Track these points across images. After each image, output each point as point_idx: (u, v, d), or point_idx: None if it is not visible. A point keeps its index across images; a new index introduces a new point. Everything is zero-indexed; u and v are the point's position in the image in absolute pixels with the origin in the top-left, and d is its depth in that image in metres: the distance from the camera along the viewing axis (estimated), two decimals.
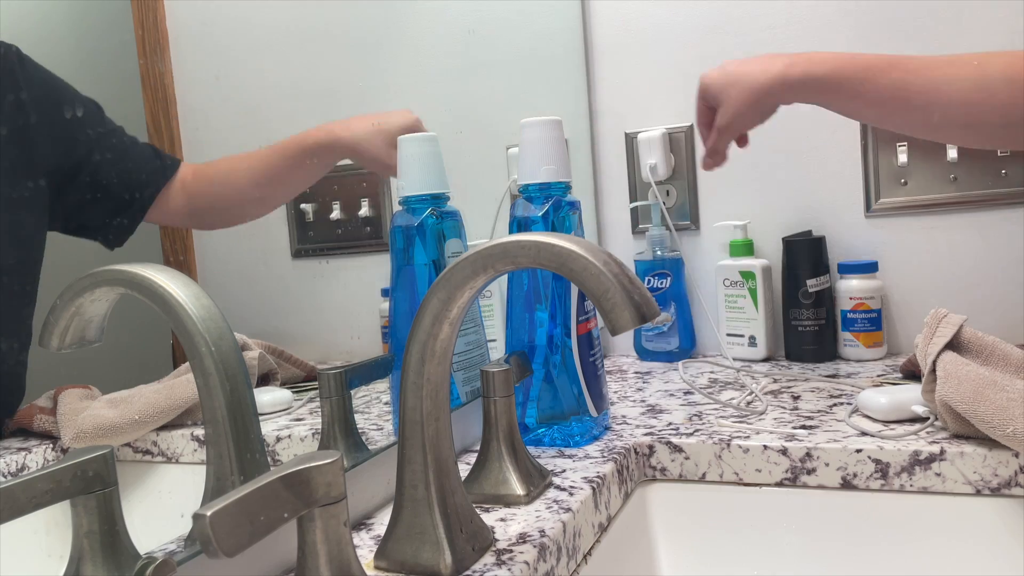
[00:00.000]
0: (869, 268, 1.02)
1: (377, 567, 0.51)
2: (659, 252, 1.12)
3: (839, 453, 0.69)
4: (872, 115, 0.84)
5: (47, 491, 0.38)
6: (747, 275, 1.07)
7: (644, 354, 1.15)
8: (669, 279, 1.12)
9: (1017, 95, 0.73)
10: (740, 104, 0.84)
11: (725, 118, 0.87)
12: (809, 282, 1.03)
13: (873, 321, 1.02)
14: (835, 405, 0.82)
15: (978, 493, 0.66)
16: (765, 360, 1.07)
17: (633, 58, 1.16)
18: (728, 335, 1.09)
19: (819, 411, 0.80)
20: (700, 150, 1.13)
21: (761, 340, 1.07)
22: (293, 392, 0.62)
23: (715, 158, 0.91)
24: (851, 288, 1.02)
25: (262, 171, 0.66)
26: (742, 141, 0.93)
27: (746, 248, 1.08)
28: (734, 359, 1.06)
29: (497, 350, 0.91)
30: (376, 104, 0.79)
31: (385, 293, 0.75)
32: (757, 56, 0.85)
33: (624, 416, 0.84)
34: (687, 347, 1.13)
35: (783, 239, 1.07)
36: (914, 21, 1.01)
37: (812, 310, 1.03)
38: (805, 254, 1.04)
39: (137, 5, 0.53)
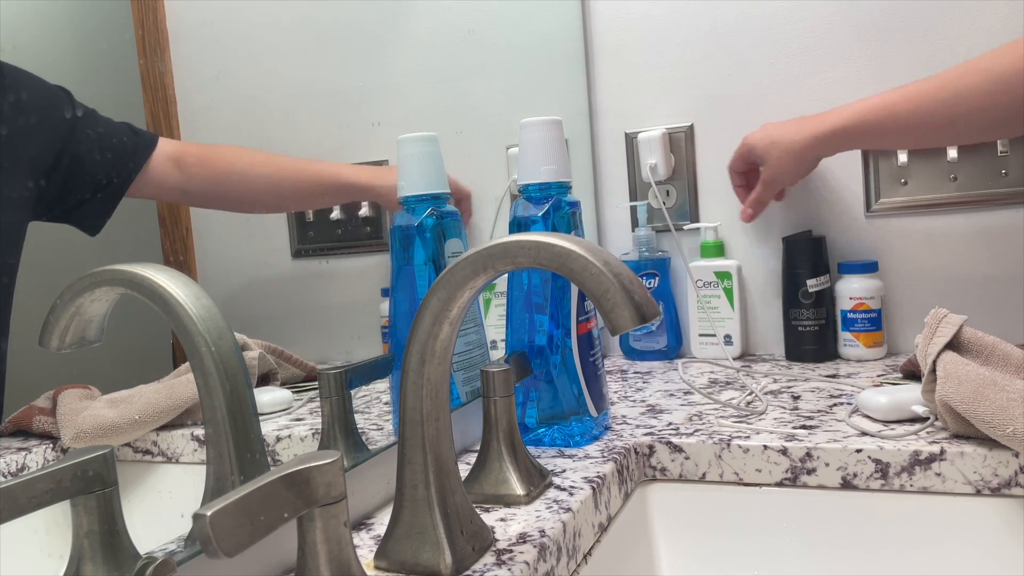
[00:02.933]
0: (869, 268, 1.03)
1: (377, 567, 0.51)
2: (645, 252, 1.13)
3: (839, 453, 0.69)
4: (905, 144, 0.96)
5: (47, 491, 0.38)
6: (722, 275, 1.09)
7: (631, 353, 1.16)
8: (657, 279, 1.13)
9: None
10: (784, 162, 0.96)
11: (770, 174, 0.99)
12: (809, 282, 1.03)
13: (873, 321, 1.02)
14: (835, 405, 0.82)
15: (978, 493, 0.66)
16: (740, 357, 1.09)
17: (633, 58, 1.16)
18: (700, 335, 1.11)
19: (819, 411, 0.80)
20: (700, 150, 1.13)
21: (736, 338, 1.09)
22: (293, 392, 0.62)
23: (756, 208, 1.03)
24: (851, 288, 1.02)
25: (288, 186, 0.69)
26: (780, 196, 1.06)
27: (717, 249, 1.10)
28: (708, 359, 1.09)
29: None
30: (376, 104, 0.79)
31: (385, 293, 0.75)
32: (791, 119, 0.96)
33: (624, 416, 0.84)
34: (674, 345, 1.14)
35: (783, 239, 1.07)
36: (914, 21, 1.01)
37: (812, 310, 1.03)
38: (805, 254, 1.04)
39: (137, 5, 0.53)
